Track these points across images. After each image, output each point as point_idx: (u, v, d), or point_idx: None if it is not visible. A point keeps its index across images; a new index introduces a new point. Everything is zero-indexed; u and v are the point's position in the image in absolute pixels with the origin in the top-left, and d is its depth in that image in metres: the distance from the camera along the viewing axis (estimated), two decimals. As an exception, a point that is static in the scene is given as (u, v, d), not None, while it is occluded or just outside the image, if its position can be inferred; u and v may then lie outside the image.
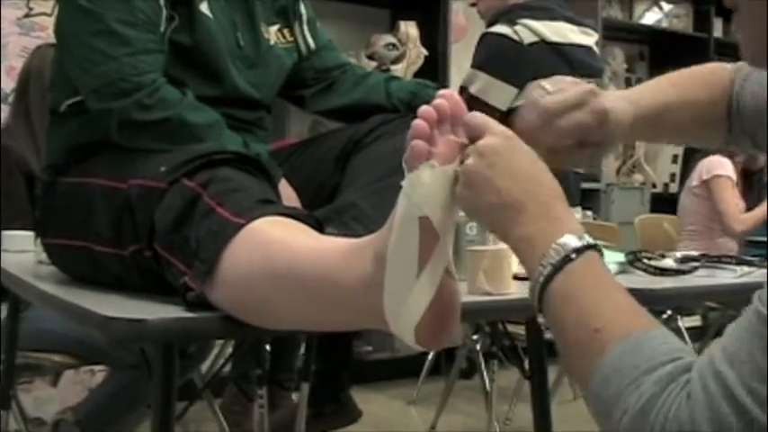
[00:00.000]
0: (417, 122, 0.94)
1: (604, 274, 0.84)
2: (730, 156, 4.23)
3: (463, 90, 2.84)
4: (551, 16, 2.82)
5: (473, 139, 0.93)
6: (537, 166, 0.91)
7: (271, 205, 1.25)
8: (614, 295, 0.81)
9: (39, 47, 2.98)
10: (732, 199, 4.14)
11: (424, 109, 0.95)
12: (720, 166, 4.18)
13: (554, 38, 2.79)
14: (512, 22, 2.78)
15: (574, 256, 0.83)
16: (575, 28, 2.86)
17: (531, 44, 2.77)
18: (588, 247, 0.84)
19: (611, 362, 0.75)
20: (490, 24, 2.87)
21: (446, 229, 0.94)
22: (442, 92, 0.99)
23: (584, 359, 0.78)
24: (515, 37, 2.76)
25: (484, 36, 2.86)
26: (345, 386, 2.93)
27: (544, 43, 2.78)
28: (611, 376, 0.74)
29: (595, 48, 2.94)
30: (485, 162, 0.90)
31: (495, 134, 0.92)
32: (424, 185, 0.92)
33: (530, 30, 2.77)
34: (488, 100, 2.76)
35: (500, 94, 2.77)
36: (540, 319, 0.87)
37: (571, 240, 0.84)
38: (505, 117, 2.77)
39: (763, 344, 0.66)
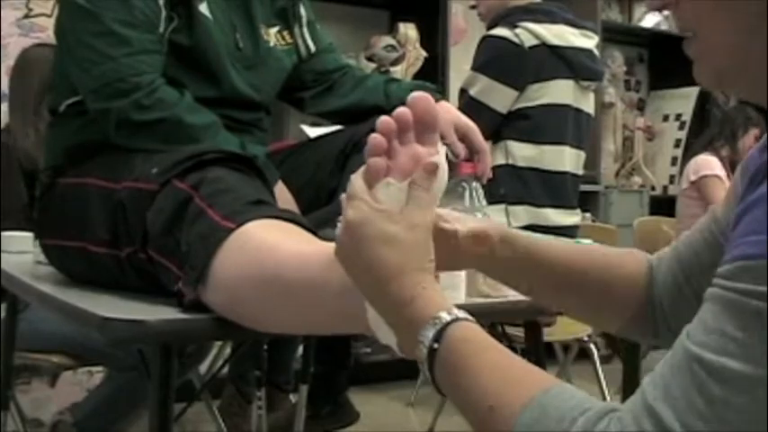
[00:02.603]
0: (373, 137, 0.92)
1: (475, 345, 0.79)
2: (715, 151, 4.23)
3: (463, 92, 2.84)
4: (552, 19, 2.82)
5: None
6: (397, 239, 0.87)
7: (262, 207, 1.25)
8: (493, 365, 0.77)
9: (25, 49, 2.99)
10: (723, 197, 4.12)
11: (382, 120, 0.92)
12: (707, 166, 4.17)
13: (555, 41, 2.79)
14: (512, 25, 2.78)
15: (435, 345, 0.80)
16: (575, 31, 2.86)
17: (532, 47, 2.77)
18: (454, 320, 0.80)
19: None
20: (490, 27, 2.87)
21: None
22: (413, 95, 0.96)
23: None
24: (516, 40, 2.76)
25: (484, 38, 2.86)
26: (343, 388, 2.92)
27: (545, 46, 2.78)
28: None
29: (596, 51, 2.94)
30: (350, 234, 0.88)
31: (358, 207, 0.89)
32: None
33: (530, 32, 2.77)
34: (488, 103, 2.76)
35: (500, 96, 2.77)
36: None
37: (435, 322, 0.81)
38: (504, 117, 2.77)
39: (695, 381, 0.65)
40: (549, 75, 2.79)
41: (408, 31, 4.43)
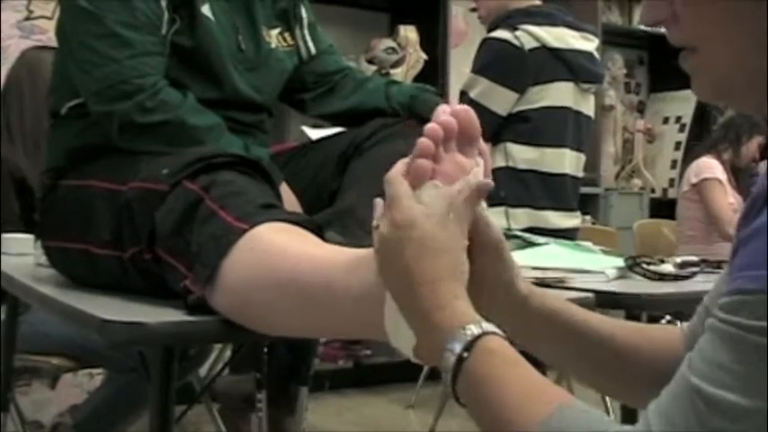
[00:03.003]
0: (422, 141, 0.93)
1: (503, 358, 0.79)
2: (717, 154, 4.23)
3: (463, 95, 2.85)
4: (552, 22, 2.83)
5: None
6: (444, 246, 0.88)
7: (273, 210, 1.25)
8: (517, 379, 0.77)
9: (23, 52, 2.97)
10: (722, 201, 4.13)
11: (430, 127, 0.94)
12: (708, 169, 4.18)
13: (555, 43, 2.79)
14: (513, 28, 2.79)
15: (465, 354, 0.80)
16: (576, 33, 2.86)
17: (532, 49, 2.77)
18: (487, 333, 0.81)
19: None
20: (491, 29, 2.88)
21: None
22: (455, 108, 0.97)
23: None
24: (516, 42, 2.76)
25: (485, 41, 2.86)
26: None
27: (545, 49, 2.78)
28: None
29: (596, 53, 2.94)
30: (397, 235, 0.89)
31: (406, 209, 0.89)
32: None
33: (531, 35, 2.77)
34: (489, 105, 2.77)
35: (500, 99, 2.77)
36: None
37: (473, 329, 0.81)
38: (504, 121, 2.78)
39: (695, 411, 0.66)
40: (549, 77, 2.80)
41: (408, 33, 4.44)
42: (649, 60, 5.90)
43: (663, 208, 5.21)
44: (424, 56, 4.44)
